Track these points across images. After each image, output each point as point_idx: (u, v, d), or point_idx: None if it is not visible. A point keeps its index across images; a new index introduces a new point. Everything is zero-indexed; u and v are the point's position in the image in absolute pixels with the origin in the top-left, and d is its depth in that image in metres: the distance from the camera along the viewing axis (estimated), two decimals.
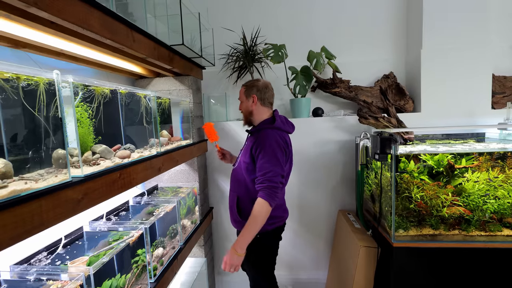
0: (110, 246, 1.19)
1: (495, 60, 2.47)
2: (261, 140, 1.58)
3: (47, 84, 0.85)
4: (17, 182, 0.77)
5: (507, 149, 1.86)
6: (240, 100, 1.79)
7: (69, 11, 0.90)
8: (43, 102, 0.84)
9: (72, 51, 1.23)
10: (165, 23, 1.87)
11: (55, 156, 0.91)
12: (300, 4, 2.73)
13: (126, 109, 1.32)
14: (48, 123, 0.87)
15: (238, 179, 1.74)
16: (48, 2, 0.82)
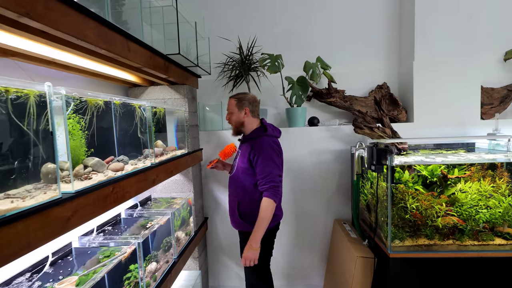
0: (101, 264, 1.14)
1: (484, 72, 2.53)
2: (258, 147, 1.75)
3: (37, 97, 0.81)
4: (2, 200, 0.72)
5: (498, 160, 1.90)
6: (229, 111, 1.88)
7: (63, 22, 0.87)
8: (33, 115, 0.80)
9: (64, 60, 1.19)
10: (160, 32, 1.84)
11: (44, 171, 0.87)
12: (296, 15, 2.74)
13: (120, 120, 1.28)
14: (38, 136, 0.83)
15: (237, 184, 1.87)
16: (41, 13, 0.79)
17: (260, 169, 1.73)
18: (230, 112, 1.88)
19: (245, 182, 1.83)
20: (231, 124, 1.90)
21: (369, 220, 2.16)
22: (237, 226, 1.94)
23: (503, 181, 1.86)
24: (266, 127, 1.85)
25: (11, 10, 0.71)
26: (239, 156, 1.89)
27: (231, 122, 1.90)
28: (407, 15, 2.55)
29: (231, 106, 1.88)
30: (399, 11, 2.68)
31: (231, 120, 1.89)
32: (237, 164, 1.89)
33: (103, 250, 1.27)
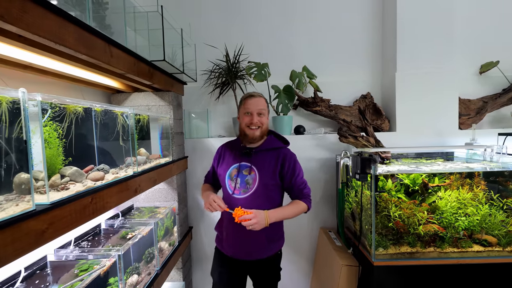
0: (78, 278, 1.09)
1: (461, 84, 2.63)
2: (289, 160, 1.61)
3: (10, 103, 0.77)
4: None
5: (475, 169, 1.98)
6: (263, 112, 1.58)
7: (40, 25, 0.84)
8: (5, 122, 0.75)
9: (42, 65, 1.15)
10: (145, 37, 1.81)
11: (17, 181, 0.82)
12: (282, 25, 2.78)
13: (101, 127, 1.24)
14: (10, 145, 0.78)
15: (262, 202, 1.56)
16: (16, 16, 0.76)
17: (299, 180, 1.61)
18: (263, 113, 1.57)
19: (275, 197, 1.62)
20: (259, 128, 1.57)
21: (353, 228, 2.17)
22: (260, 254, 1.61)
23: (480, 189, 1.91)
24: (283, 137, 1.71)
25: None
26: (258, 170, 1.57)
27: (260, 125, 1.57)
28: (390, 29, 2.63)
29: (264, 107, 1.58)
30: (382, 24, 2.76)
31: (262, 123, 1.57)
32: (257, 179, 1.56)
33: (81, 263, 1.21)
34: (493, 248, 1.83)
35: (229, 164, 1.65)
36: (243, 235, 1.57)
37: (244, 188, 1.58)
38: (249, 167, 1.59)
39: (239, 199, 1.57)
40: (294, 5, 2.77)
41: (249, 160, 1.60)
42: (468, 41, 2.71)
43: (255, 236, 1.56)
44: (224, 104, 2.78)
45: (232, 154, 1.68)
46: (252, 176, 1.58)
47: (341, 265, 1.94)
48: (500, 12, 2.69)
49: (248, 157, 1.60)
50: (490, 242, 1.84)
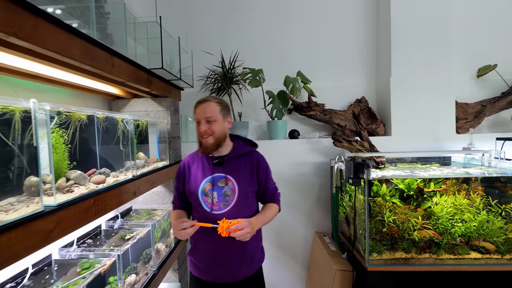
0: (80, 276, 1.15)
1: (458, 88, 2.67)
2: (263, 163, 1.54)
3: (23, 112, 0.84)
4: None
5: (472, 174, 1.94)
6: (213, 119, 1.38)
7: (49, 40, 0.91)
8: (18, 130, 0.82)
9: (49, 75, 1.22)
10: (144, 46, 1.89)
11: (27, 184, 0.89)
12: (276, 31, 2.86)
13: (103, 133, 1.31)
14: (22, 150, 0.85)
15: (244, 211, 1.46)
16: (28, 32, 0.83)
17: (271, 183, 1.58)
18: (212, 120, 1.38)
19: (254, 203, 1.54)
20: (211, 135, 1.39)
21: (348, 232, 2.20)
22: (245, 271, 1.48)
23: (478, 195, 1.91)
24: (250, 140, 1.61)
25: (0, 30, 0.75)
26: (235, 179, 1.44)
27: (211, 133, 1.39)
28: (384, 33, 2.67)
29: (215, 112, 1.39)
30: (376, 28, 2.82)
31: (212, 131, 1.38)
32: (237, 188, 1.43)
33: (83, 262, 1.27)
34: (492, 255, 1.81)
35: (198, 179, 1.45)
36: (225, 253, 1.43)
37: (224, 201, 1.42)
38: (224, 178, 1.43)
39: (220, 215, 1.40)
40: (289, 11, 2.85)
41: (222, 170, 1.44)
42: (465, 44, 2.73)
43: (238, 252, 1.44)
44: None
45: (199, 167, 1.48)
46: (230, 186, 1.43)
47: (335, 270, 1.97)
48: (496, 15, 2.72)
49: (220, 166, 1.45)
50: (488, 249, 1.83)
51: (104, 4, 1.55)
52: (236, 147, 1.52)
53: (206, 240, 1.45)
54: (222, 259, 1.44)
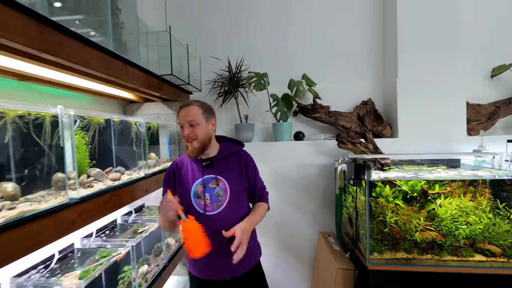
0: (99, 262, 1.28)
1: (471, 89, 2.62)
2: (251, 162, 1.57)
3: (52, 117, 0.98)
4: (23, 203, 0.88)
5: (477, 177, 1.92)
6: (195, 123, 1.38)
7: (72, 53, 1.05)
8: (48, 132, 0.96)
9: (71, 82, 1.36)
10: (155, 53, 2.03)
11: (55, 179, 1.03)
12: (281, 35, 2.93)
13: (118, 135, 1.45)
14: (51, 150, 0.99)
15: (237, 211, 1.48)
16: (57, 48, 0.97)
17: (260, 185, 1.60)
18: (195, 123, 1.38)
19: (246, 201, 1.56)
20: (194, 139, 1.38)
21: (351, 233, 2.23)
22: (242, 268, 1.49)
23: (484, 198, 1.89)
24: (237, 139, 1.62)
25: (35, 48, 0.89)
26: (226, 179, 1.47)
27: (195, 137, 1.38)
28: (390, 35, 2.66)
29: (196, 116, 1.39)
30: (382, 30, 2.81)
31: (195, 135, 1.38)
32: (228, 188, 1.46)
33: (101, 251, 1.41)
34: (497, 258, 1.80)
35: (189, 182, 1.46)
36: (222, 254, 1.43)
37: (217, 201, 1.44)
38: (215, 178, 1.45)
39: (214, 216, 1.43)
40: (293, 15, 2.92)
41: (212, 171, 1.47)
42: (477, 45, 2.68)
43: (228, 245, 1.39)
44: (227, 111, 2.97)
45: (188, 171, 1.49)
46: (221, 186, 1.46)
47: (336, 268, 2.03)
48: (509, 14, 2.66)
49: (210, 168, 1.47)
50: (493, 252, 1.82)
51: (119, 15, 1.70)
52: (223, 148, 1.53)
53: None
54: (219, 259, 1.44)
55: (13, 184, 0.87)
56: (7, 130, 0.83)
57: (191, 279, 1.60)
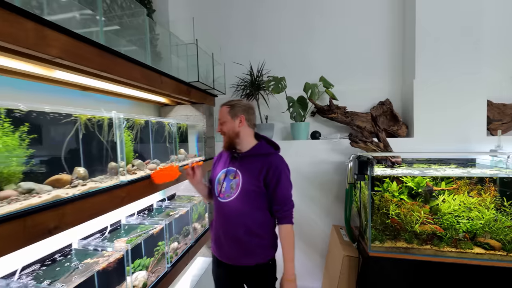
0: (139, 233, 1.62)
1: (495, 88, 2.65)
2: (275, 167, 1.56)
3: (108, 120, 1.31)
4: (90, 182, 1.21)
5: (474, 175, 2.04)
6: (221, 120, 1.63)
7: (122, 71, 1.37)
8: (106, 131, 1.29)
9: (118, 91, 1.71)
10: (185, 61, 2.36)
11: (109, 167, 1.36)
12: (300, 39, 3.13)
13: (155, 133, 1.78)
14: (108, 144, 1.32)
15: (245, 208, 1.57)
16: (113, 67, 1.30)
17: (281, 194, 1.56)
18: (222, 121, 1.62)
19: (259, 204, 1.59)
20: (224, 135, 1.64)
21: (359, 225, 2.41)
22: (244, 259, 1.59)
23: (489, 195, 1.99)
24: (275, 143, 1.70)
25: (97, 69, 1.22)
26: (242, 175, 1.58)
27: (223, 133, 1.63)
28: (409, 35, 2.74)
29: (223, 114, 1.62)
30: (402, 29, 2.89)
31: (223, 131, 1.63)
32: (240, 183, 1.57)
33: (141, 226, 1.75)
34: (496, 252, 1.92)
35: (218, 169, 1.71)
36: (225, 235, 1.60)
37: (228, 192, 1.59)
38: (234, 172, 1.60)
39: (223, 203, 1.60)
40: (313, 21, 3.08)
41: (236, 165, 1.61)
42: (501, 43, 2.69)
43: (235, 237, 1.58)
44: None
45: (223, 159, 1.74)
46: (236, 181, 1.58)
47: (343, 256, 2.23)
48: None
49: (236, 161, 1.62)
50: (492, 246, 1.94)
51: (154, 27, 2.04)
52: (255, 147, 1.63)
53: (216, 219, 1.68)
54: (226, 243, 1.60)
55: (83, 168, 1.21)
56: (79, 130, 1.17)
57: (213, 255, 1.80)
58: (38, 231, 0.94)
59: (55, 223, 1.00)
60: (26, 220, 0.90)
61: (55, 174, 1.10)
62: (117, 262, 1.33)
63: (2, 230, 0.83)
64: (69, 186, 1.13)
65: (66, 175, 1.14)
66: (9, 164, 0.95)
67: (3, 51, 0.82)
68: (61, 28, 0.95)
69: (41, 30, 0.86)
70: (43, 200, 0.98)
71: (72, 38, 1.01)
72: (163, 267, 1.78)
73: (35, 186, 1.02)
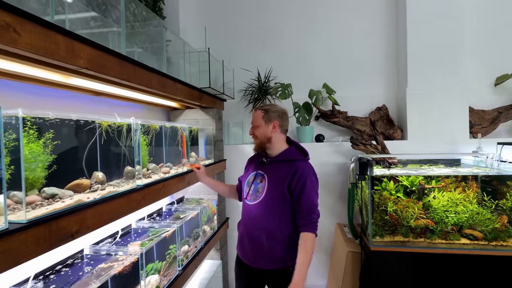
0: (150, 238, 1.65)
1: (477, 96, 2.91)
2: (301, 174, 1.56)
3: (127, 125, 1.35)
4: (109, 187, 1.25)
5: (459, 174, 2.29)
6: (255, 124, 1.66)
7: (141, 78, 1.41)
8: (125, 136, 1.33)
9: (131, 96, 1.75)
10: (196, 67, 2.40)
11: (126, 171, 1.40)
12: (305, 48, 3.27)
13: (168, 138, 1.81)
14: (126, 149, 1.36)
15: (269, 212, 1.59)
16: (132, 76, 1.34)
17: (306, 201, 1.54)
18: (256, 125, 1.64)
19: (282, 210, 1.59)
20: (256, 139, 1.66)
21: (361, 222, 2.53)
22: (264, 264, 1.61)
23: (472, 191, 2.19)
24: (304, 149, 1.69)
25: (118, 77, 1.26)
26: (268, 179, 1.61)
27: (255, 137, 1.65)
28: (402, 45, 2.97)
29: (257, 119, 1.64)
30: (396, 41, 3.11)
31: (255, 135, 1.65)
32: (266, 188, 1.59)
33: (151, 230, 1.78)
34: (479, 242, 2.12)
35: (249, 171, 1.76)
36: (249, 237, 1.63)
37: (255, 195, 1.63)
38: (262, 176, 1.64)
39: (249, 205, 1.65)
40: (316, 31, 3.25)
41: (264, 168, 1.65)
42: (483, 54, 2.96)
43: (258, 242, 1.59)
44: None
45: (253, 163, 1.78)
46: (262, 184, 1.62)
47: (346, 251, 2.34)
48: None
49: (264, 165, 1.65)
50: (476, 237, 2.13)
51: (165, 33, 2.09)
52: (284, 152, 1.64)
53: (242, 220, 1.75)
54: (246, 241, 1.66)
55: (102, 173, 1.25)
56: (101, 135, 1.21)
57: (237, 254, 1.82)
58: (61, 235, 0.97)
59: (77, 227, 1.04)
60: (51, 225, 0.93)
61: (75, 179, 1.14)
62: (132, 266, 1.36)
63: (29, 235, 0.86)
64: (89, 191, 1.17)
65: (86, 180, 1.18)
66: (34, 170, 0.99)
67: (36, 63, 0.86)
68: (87, 41, 0.99)
69: (70, 43, 0.90)
70: (66, 205, 1.02)
71: (96, 49, 1.05)
72: (175, 270, 1.81)
73: (58, 191, 1.06)
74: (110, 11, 1.43)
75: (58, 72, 1.07)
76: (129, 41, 1.57)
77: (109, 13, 1.42)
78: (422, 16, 2.82)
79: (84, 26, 1.28)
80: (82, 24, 1.27)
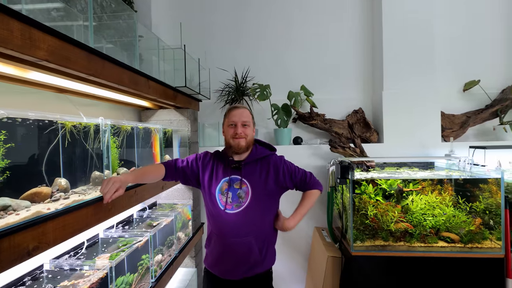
0: (121, 249, 1.51)
1: (448, 101, 3.02)
2: (280, 164, 1.61)
3: (94, 126, 1.21)
4: (72, 195, 1.11)
5: (438, 176, 2.34)
6: (248, 123, 1.55)
7: (111, 75, 1.28)
8: (92, 139, 1.20)
9: (98, 94, 1.60)
10: (171, 65, 2.27)
11: (93, 176, 1.26)
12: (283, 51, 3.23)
13: (141, 140, 1.68)
14: (93, 152, 1.22)
15: (258, 215, 1.54)
16: (101, 71, 1.20)
17: (298, 174, 1.64)
18: (248, 125, 1.54)
19: (270, 206, 1.63)
20: (244, 138, 1.52)
21: (340, 226, 2.53)
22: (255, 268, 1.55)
23: (447, 194, 2.25)
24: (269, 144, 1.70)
25: (84, 72, 1.12)
26: (250, 183, 1.53)
27: (245, 137, 1.52)
28: (378, 51, 3.03)
29: (248, 119, 1.55)
30: (372, 48, 3.17)
31: (246, 134, 1.52)
32: (250, 192, 1.52)
33: (121, 240, 1.64)
34: (456, 244, 2.16)
35: (219, 177, 1.56)
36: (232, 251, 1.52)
37: (237, 202, 1.51)
38: (240, 180, 1.53)
39: (231, 214, 1.50)
40: (294, 32, 3.22)
41: (239, 173, 1.54)
42: (452, 61, 3.09)
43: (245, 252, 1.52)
44: None
45: (220, 166, 1.59)
46: (244, 189, 1.52)
47: (327, 256, 2.31)
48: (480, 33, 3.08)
49: (238, 170, 1.55)
50: (453, 239, 2.17)
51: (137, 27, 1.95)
52: (253, 152, 1.58)
53: (218, 235, 1.56)
54: (228, 256, 1.53)
55: (65, 179, 1.11)
56: (64, 137, 1.07)
57: (204, 271, 1.71)
58: (15, 254, 0.83)
59: (35, 244, 0.90)
60: (3, 243, 0.79)
61: (33, 187, 0.99)
62: (99, 283, 1.22)
63: None
64: (49, 200, 1.03)
65: (46, 188, 1.03)
66: None
67: None
68: (48, 29, 0.86)
69: (28, 30, 0.77)
70: (22, 218, 0.88)
71: (59, 39, 0.92)
72: (147, 282, 1.68)
73: (11, 202, 0.91)
74: (74, 1, 1.28)
75: (13, 65, 0.92)
76: (97, 34, 1.42)
77: (73, 4, 1.27)
78: (397, 20, 2.88)
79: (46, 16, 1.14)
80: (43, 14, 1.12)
